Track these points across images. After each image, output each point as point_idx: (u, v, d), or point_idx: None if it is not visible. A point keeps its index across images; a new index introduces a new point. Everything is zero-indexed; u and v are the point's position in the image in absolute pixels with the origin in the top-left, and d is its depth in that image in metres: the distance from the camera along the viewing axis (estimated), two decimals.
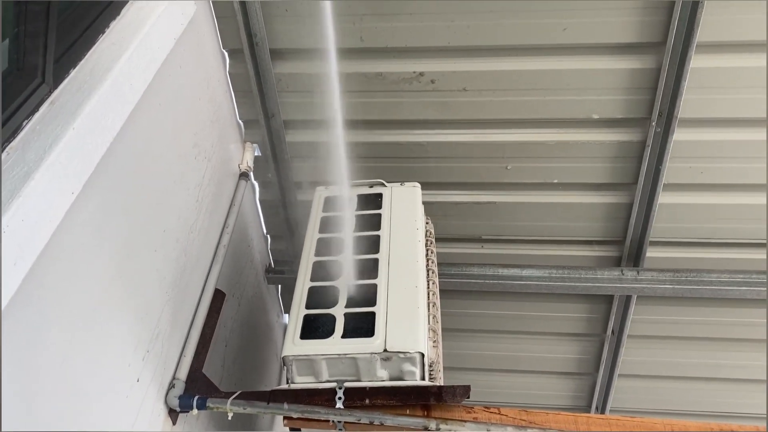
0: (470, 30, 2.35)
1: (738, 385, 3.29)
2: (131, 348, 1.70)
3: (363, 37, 2.40)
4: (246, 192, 2.65)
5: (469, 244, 2.99)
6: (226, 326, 2.47)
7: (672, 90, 2.37)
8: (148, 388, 1.79)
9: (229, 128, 2.57)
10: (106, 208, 1.57)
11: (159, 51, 1.84)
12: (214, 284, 2.23)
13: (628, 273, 2.84)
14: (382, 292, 1.96)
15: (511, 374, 3.48)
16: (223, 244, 2.36)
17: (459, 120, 2.60)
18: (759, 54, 2.29)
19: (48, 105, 1.42)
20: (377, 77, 2.50)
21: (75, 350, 1.44)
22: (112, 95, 1.54)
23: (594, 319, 3.17)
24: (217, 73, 2.44)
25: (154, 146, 1.86)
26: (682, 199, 2.69)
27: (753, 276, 2.77)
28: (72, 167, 1.36)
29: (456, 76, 2.47)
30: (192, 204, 2.13)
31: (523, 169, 2.70)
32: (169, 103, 1.96)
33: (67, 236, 1.37)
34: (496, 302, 3.13)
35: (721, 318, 3.03)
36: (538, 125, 2.58)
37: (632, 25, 2.28)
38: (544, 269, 2.88)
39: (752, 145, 2.50)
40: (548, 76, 2.43)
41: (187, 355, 2.01)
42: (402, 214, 2.25)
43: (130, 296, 1.69)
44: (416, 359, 1.81)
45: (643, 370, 3.33)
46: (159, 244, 1.88)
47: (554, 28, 2.31)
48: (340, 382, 1.84)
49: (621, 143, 2.58)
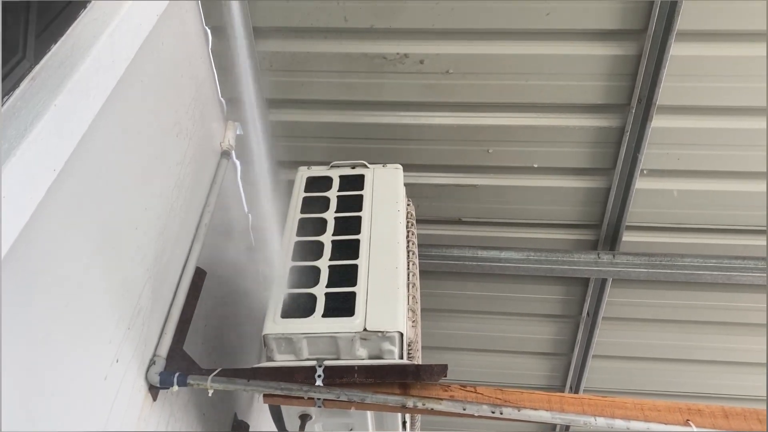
0: (455, 12, 2.35)
1: (709, 366, 3.38)
2: (112, 324, 1.71)
3: (347, 17, 2.39)
4: (228, 170, 2.64)
5: (449, 225, 3.02)
6: (207, 304, 2.48)
7: (651, 77, 2.40)
8: (129, 364, 1.80)
9: (211, 106, 2.55)
10: (88, 185, 1.56)
11: (141, 27, 1.82)
12: (195, 262, 2.23)
13: (604, 256, 2.90)
14: (363, 273, 1.99)
15: (489, 354, 3.54)
16: (204, 222, 2.36)
17: (442, 103, 2.61)
18: (738, 43, 2.34)
19: (29, 81, 1.40)
20: (361, 58, 2.50)
21: (57, 326, 1.45)
22: (93, 72, 1.52)
23: (570, 301, 3.23)
24: (199, 51, 2.42)
25: (136, 123, 1.85)
26: (658, 185, 2.74)
27: (725, 261, 2.84)
28: (53, 144, 1.35)
29: (440, 58, 2.48)
30: (173, 182, 2.13)
31: (504, 152, 2.72)
32: (151, 80, 1.95)
33: (48, 213, 1.37)
34: (475, 283, 3.18)
35: (694, 302, 3.10)
36: (519, 109, 2.60)
37: (614, 11, 2.30)
38: (522, 252, 2.92)
39: (728, 133, 2.55)
40: (530, 60, 2.45)
41: (168, 333, 2.02)
42: (384, 196, 2.27)
43: (111, 273, 1.70)
44: (395, 339, 1.84)
45: (616, 351, 3.41)
46: (140, 221, 1.88)
47: (537, 12, 2.33)
48: (320, 361, 1.86)
49: (600, 129, 2.61)
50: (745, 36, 2.32)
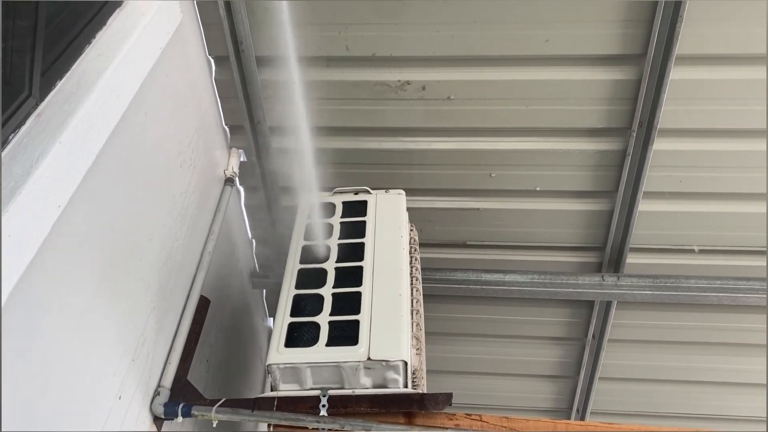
0: (455, 40, 2.37)
1: (715, 387, 3.36)
2: (117, 356, 1.71)
3: (349, 46, 2.42)
4: (231, 197, 2.66)
5: (453, 249, 3.03)
6: (211, 332, 2.48)
7: (652, 101, 2.41)
8: (134, 395, 1.80)
9: (214, 134, 2.58)
10: (92, 218, 1.57)
11: (145, 60, 1.84)
12: (199, 291, 2.24)
13: (609, 279, 2.89)
14: (366, 300, 1.99)
15: (494, 377, 3.52)
16: (208, 250, 2.37)
17: (444, 128, 2.62)
18: (735, 67, 2.35)
19: (35, 118, 1.42)
20: (363, 85, 2.52)
21: (62, 360, 1.45)
22: (98, 107, 1.54)
23: (575, 323, 3.22)
24: (202, 80, 2.45)
25: (140, 156, 1.87)
26: (661, 207, 2.74)
27: (730, 282, 2.83)
28: (58, 181, 1.37)
29: (441, 85, 2.50)
30: (177, 211, 2.14)
31: (507, 176, 2.73)
32: (155, 112, 1.97)
33: (53, 249, 1.38)
34: (480, 307, 3.17)
35: (700, 323, 3.09)
36: (521, 134, 2.62)
37: (613, 37, 2.32)
38: (526, 275, 2.92)
39: (730, 155, 2.55)
40: (531, 86, 2.47)
41: (172, 363, 2.02)
42: (386, 222, 2.27)
43: (115, 305, 1.70)
44: (399, 367, 1.83)
45: (622, 373, 3.39)
46: (144, 252, 1.89)
47: (537, 39, 2.35)
48: (324, 390, 1.86)
49: (602, 152, 2.62)
50: (743, 60, 2.33)
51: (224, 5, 2.31)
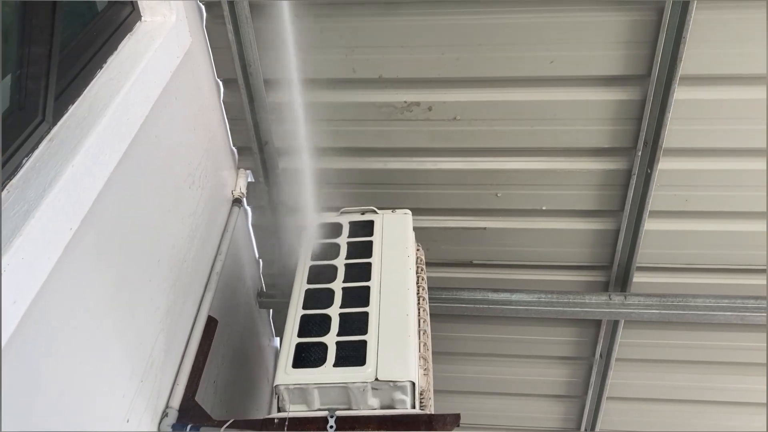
0: (459, 62, 2.40)
1: (723, 407, 3.33)
2: (125, 378, 1.72)
3: (355, 69, 2.45)
4: (239, 218, 2.68)
5: (459, 268, 3.03)
6: (218, 352, 2.49)
7: (657, 120, 2.43)
8: (142, 417, 1.80)
9: (222, 155, 2.60)
10: (103, 241, 1.59)
11: (155, 84, 1.87)
12: (206, 311, 2.25)
13: (616, 298, 2.89)
14: (374, 321, 1.99)
15: (502, 397, 3.51)
16: (215, 271, 2.38)
17: (450, 148, 2.64)
18: (739, 87, 2.37)
19: (47, 142, 1.45)
20: (370, 106, 2.54)
21: (72, 383, 1.46)
22: (109, 131, 1.57)
23: (582, 342, 3.21)
24: (211, 102, 2.48)
25: (150, 178, 1.89)
26: (667, 225, 2.74)
27: (737, 301, 2.82)
28: (70, 204, 1.39)
29: (447, 106, 2.52)
30: (186, 233, 2.16)
31: (513, 196, 2.75)
32: (165, 134, 2.00)
33: (64, 272, 1.40)
34: (487, 326, 3.17)
35: (707, 342, 3.08)
36: (527, 154, 2.63)
37: (617, 58, 2.34)
38: (533, 294, 2.92)
39: (734, 174, 2.56)
40: (536, 106, 2.49)
41: (180, 384, 2.02)
42: (393, 242, 2.28)
43: (125, 327, 1.71)
44: (407, 388, 1.83)
45: (630, 392, 3.37)
46: (153, 273, 1.90)
47: (541, 61, 2.37)
48: (331, 411, 1.86)
49: (608, 171, 2.63)
50: (746, 80, 2.35)
51: (233, 29, 2.34)
